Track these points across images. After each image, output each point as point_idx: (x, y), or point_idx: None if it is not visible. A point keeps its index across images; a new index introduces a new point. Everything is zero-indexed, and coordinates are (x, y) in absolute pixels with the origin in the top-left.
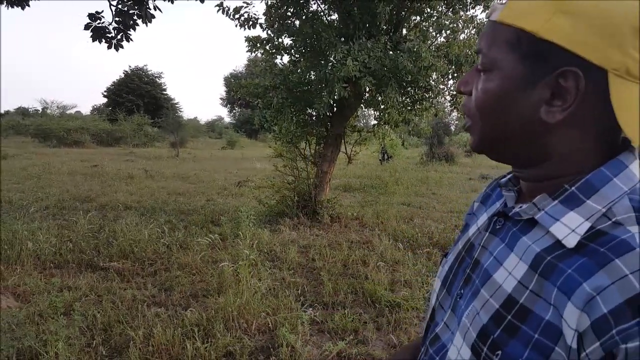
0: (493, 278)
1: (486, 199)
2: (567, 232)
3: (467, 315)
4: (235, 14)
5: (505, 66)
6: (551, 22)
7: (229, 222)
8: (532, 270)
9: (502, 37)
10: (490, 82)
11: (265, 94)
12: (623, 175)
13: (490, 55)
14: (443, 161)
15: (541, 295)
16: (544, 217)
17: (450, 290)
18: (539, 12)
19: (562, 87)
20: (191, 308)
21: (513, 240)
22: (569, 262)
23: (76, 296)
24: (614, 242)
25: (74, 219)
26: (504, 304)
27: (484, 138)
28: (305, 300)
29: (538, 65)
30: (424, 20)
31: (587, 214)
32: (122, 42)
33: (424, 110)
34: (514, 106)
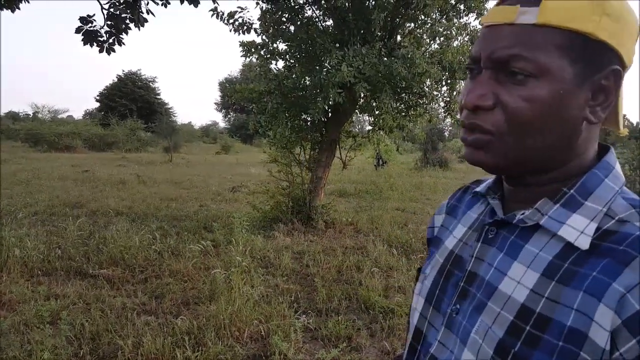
0: (499, 290)
1: (453, 209)
2: (577, 234)
3: (476, 332)
4: (229, 18)
5: (557, 71)
6: (602, 24)
7: (222, 228)
8: (547, 278)
9: (549, 40)
10: (538, 90)
11: (260, 99)
12: (612, 176)
13: (537, 60)
14: (437, 167)
15: (559, 302)
16: (549, 221)
17: (439, 307)
18: (589, 14)
19: (603, 86)
20: (182, 316)
21: (513, 249)
22: (590, 265)
23: (64, 304)
24: (630, 239)
25: (63, 225)
26: (519, 315)
27: (513, 155)
28: (299, 307)
29: (588, 66)
30: (418, 27)
31: (590, 215)
32: (114, 46)
33: (418, 116)
34: (564, 111)
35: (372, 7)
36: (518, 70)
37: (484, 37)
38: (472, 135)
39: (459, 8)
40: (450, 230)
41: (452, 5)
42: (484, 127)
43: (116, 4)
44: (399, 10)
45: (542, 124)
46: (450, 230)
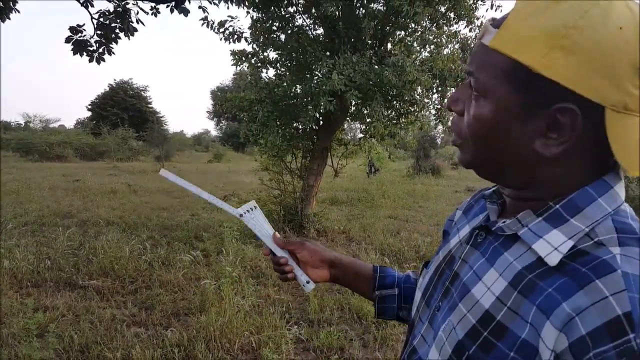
0: (471, 293)
1: (469, 209)
2: (550, 250)
3: (443, 329)
4: (220, 27)
5: (499, 95)
6: (548, 58)
7: (212, 237)
8: (512, 287)
9: (495, 63)
10: (483, 109)
11: (251, 108)
12: (608, 196)
13: (483, 80)
14: (429, 174)
15: (518, 313)
16: (527, 233)
17: (429, 302)
18: (535, 45)
19: (558, 121)
20: (172, 328)
21: (494, 255)
22: (550, 281)
23: (53, 316)
24: (595, 263)
25: (53, 235)
26: (481, 320)
27: (475, 158)
28: (291, 317)
29: (534, 98)
30: (409, 35)
31: (570, 233)
32: (104, 55)
33: (409, 123)
34: (507, 136)
35: (362, 15)
36: (474, 86)
37: None
38: (452, 136)
39: (449, 16)
40: (458, 228)
41: (442, 13)
42: (456, 130)
43: (106, 13)
44: (389, 18)
45: (489, 141)
46: (458, 228)
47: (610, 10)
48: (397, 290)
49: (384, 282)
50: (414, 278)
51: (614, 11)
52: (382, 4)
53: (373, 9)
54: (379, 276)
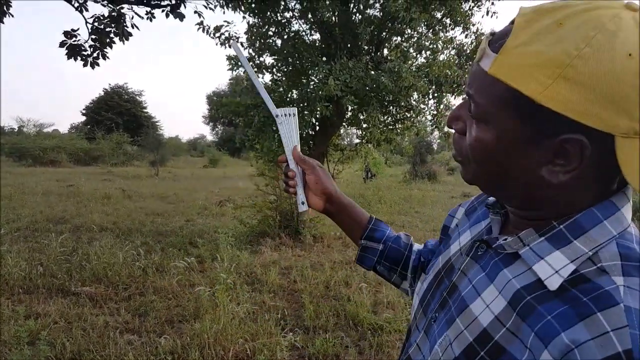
0: (469, 308)
1: (472, 211)
2: (551, 273)
3: (440, 344)
4: (215, 32)
5: (501, 123)
6: (551, 89)
7: (207, 243)
8: (511, 308)
9: (495, 91)
10: (485, 134)
11: (247, 113)
12: (614, 219)
13: (483, 106)
14: (426, 179)
15: (518, 336)
16: (528, 253)
17: (426, 311)
18: (537, 75)
19: (566, 150)
20: (166, 335)
21: (494, 270)
22: (549, 306)
23: (45, 323)
24: (597, 293)
25: (46, 241)
26: (478, 339)
27: (478, 177)
28: (286, 324)
29: (539, 128)
30: (405, 41)
31: (572, 256)
32: (98, 59)
33: (405, 129)
34: (511, 162)
35: (358, 21)
36: (473, 110)
37: None
38: (453, 152)
39: (445, 22)
40: (459, 233)
41: (438, 19)
42: (457, 149)
43: (100, 18)
44: (386, 24)
45: (490, 164)
46: (460, 233)
47: (619, 34)
48: (382, 246)
49: (373, 234)
50: (405, 242)
51: (622, 35)
52: (379, 10)
53: (369, 14)
54: (371, 228)
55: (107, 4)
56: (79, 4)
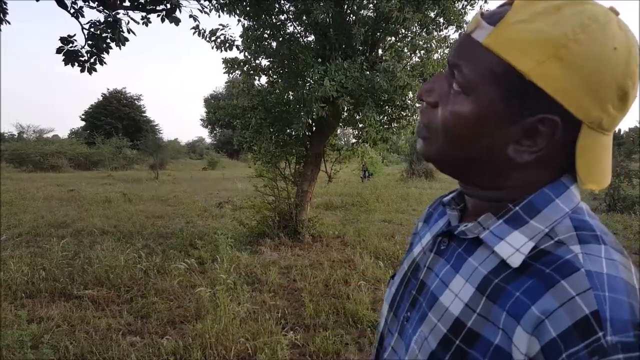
0: (439, 301)
1: (429, 217)
2: (512, 252)
3: (415, 341)
4: (211, 36)
5: (485, 96)
6: (544, 66)
7: (207, 244)
8: (480, 293)
9: (485, 62)
10: (463, 107)
11: (244, 115)
12: (564, 197)
13: (469, 77)
14: (423, 177)
15: (489, 319)
16: (488, 236)
17: (397, 313)
18: (532, 51)
19: (537, 130)
20: (168, 336)
21: (458, 261)
22: (517, 284)
23: (48, 327)
24: (558, 263)
25: (47, 246)
26: (452, 328)
27: (441, 154)
28: (286, 323)
29: (520, 105)
30: (399, 41)
31: (530, 234)
32: (96, 65)
33: (401, 128)
34: (483, 138)
35: (352, 22)
36: (455, 79)
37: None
38: (418, 127)
39: (438, 21)
40: (420, 237)
41: (432, 18)
42: (425, 121)
43: (96, 24)
44: (380, 24)
45: (463, 140)
46: (420, 237)
47: (608, 28)
48: None
49: None
50: None
51: (611, 30)
52: (372, 11)
53: (363, 15)
54: None
55: (102, 10)
56: (75, 10)
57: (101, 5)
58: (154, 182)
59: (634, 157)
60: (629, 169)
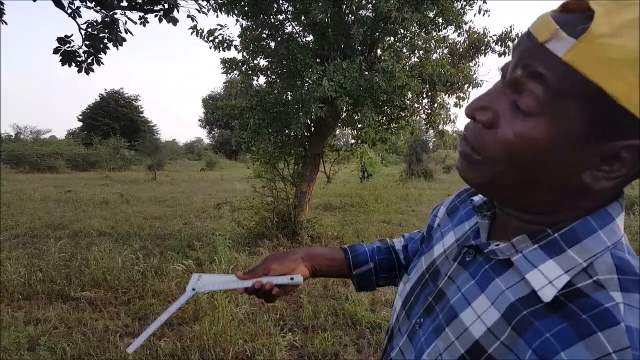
0: (460, 318)
1: (453, 211)
2: (545, 283)
3: (428, 354)
4: (209, 36)
5: (564, 117)
6: (636, 90)
7: (206, 246)
8: (505, 321)
9: (568, 81)
10: (535, 129)
11: (242, 115)
12: (608, 229)
13: (552, 94)
14: (422, 178)
15: (513, 350)
16: (521, 260)
17: (409, 314)
18: (624, 73)
19: (618, 157)
20: (165, 337)
21: (485, 279)
22: (547, 323)
23: (45, 329)
24: (596, 311)
25: (44, 247)
26: (470, 351)
27: (499, 180)
28: (285, 324)
29: (603, 129)
30: (398, 41)
31: (566, 266)
32: (93, 65)
33: (400, 128)
34: (557, 163)
35: (351, 22)
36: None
37: (519, 45)
38: (463, 147)
39: (437, 21)
40: (442, 233)
41: (431, 18)
42: (476, 143)
43: (94, 24)
44: (378, 24)
45: (527, 165)
46: (442, 234)
47: None
48: (372, 264)
49: (358, 260)
50: (386, 248)
51: None
52: (371, 11)
53: (362, 15)
54: (352, 256)
55: (100, 10)
56: (72, 10)
57: (98, 5)
58: (151, 183)
59: None
60: None
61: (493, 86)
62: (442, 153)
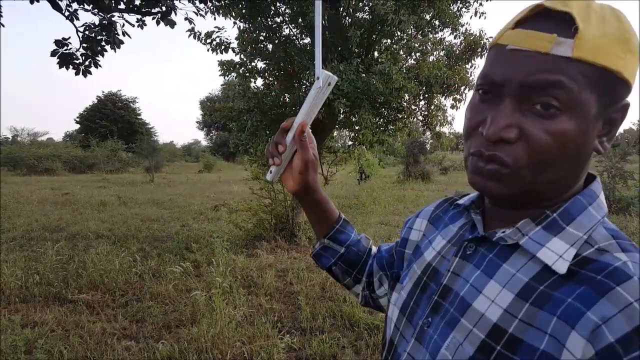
0: (473, 307)
1: (437, 219)
2: (555, 258)
3: (447, 347)
4: (207, 38)
5: (586, 105)
6: (627, 61)
7: (203, 248)
8: (521, 299)
9: (583, 75)
10: (566, 124)
11: (240, 117)
12: (596, 204)
13: (573, 92)
14: (419, 179)
15: (534, 325)
16: (529, 242)
17: (411, 319)
18: (616, 51)
19: (613, 119)
20: (163, 340)
21: (490, 267)
22: (566, 290)
23: (42, 332)
24: (608, 270)
25: (42, 250)
26: (491, 334)
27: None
28: (283, 326)
29: (608, 101)
30: (395, 43)
31: (570, 241)
32: (90, 67)
33: (397, 130)
34: (584, 146)
35: (348, 24)
36: (550, 102)
37: (509, 61)
38: (489, 166)
39: (434, 24)
40: (429, 240)
41: (427, 21)
42: (505, 160)
43: (91, 26)
44: (375, 27)
45: (562, 159)
46: (430, 240)
47: None
48: (343, 250)
49: (338, 236)
50: (364, 246)
51: None
52: (368, 13)
53: (359, 17)
54: (337, 228)
55: (97, 13)
56: (70, 13)
57: (96, 8)
58: (149, 185)
59: (629, 158)
60: (624, 170)
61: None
62: (439, 155)
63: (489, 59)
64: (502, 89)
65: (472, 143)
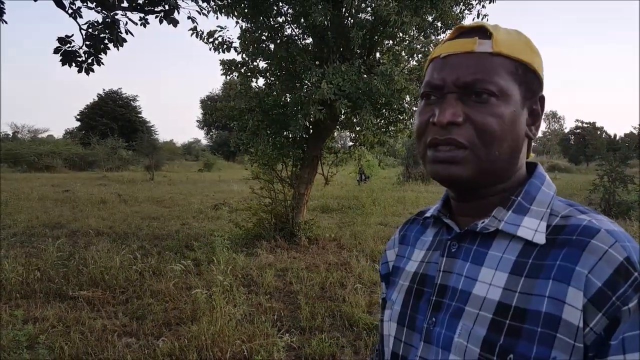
0: (474, 294)
1: (404, 238)
2: (533, 233)
3: (459, 335)
4: (209, 37)
5: (510, 92)
6: (533, 57)
7: (204, 246)
8: (516, 275)
9: (503, 67)
10: (504, 108)
11: (241, 117)
12: (547, 184)
13: (497, 83)
14: (419, 181)
15: (533, 293)
16: (507, 226)
17: (413, 326)
18: (525, 48)
19: (535, 110)
20: (163, 337)
21: (478, 257)
22: (552, 256)
23: (43, 328)
24: (580, 229)
25: (42, 246)
26: (498, 312)
27: (484, 167)
28: (282, 325)
29: (527, 91)
30: (397, 45)
31: (538, 216)
32: (93, 65)
33: (398, 131)
34: (517, 126)
35: (350, 25)
36: (483, 90)
37: (444, 66)
38: (447, 152)
39: (436, 25)
40: (407, 257)
41: (430, 22)
42: (459, 141)
43: (94, 24)
44: (378, 28)
45: (504, 136)
46: (408, 257)
47: None
48: None
49: None
50: None
51: None
52: (371, 14)
53: (361, 18)
54: None
55: (100, 11)
56: (73, 11)
57: (99, 6)
58: (149, 184)
59: (629, 162)
60: (624, 174)
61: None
62: None
63: (428, 71)
64: (443, 89)
65: (426, 136)
